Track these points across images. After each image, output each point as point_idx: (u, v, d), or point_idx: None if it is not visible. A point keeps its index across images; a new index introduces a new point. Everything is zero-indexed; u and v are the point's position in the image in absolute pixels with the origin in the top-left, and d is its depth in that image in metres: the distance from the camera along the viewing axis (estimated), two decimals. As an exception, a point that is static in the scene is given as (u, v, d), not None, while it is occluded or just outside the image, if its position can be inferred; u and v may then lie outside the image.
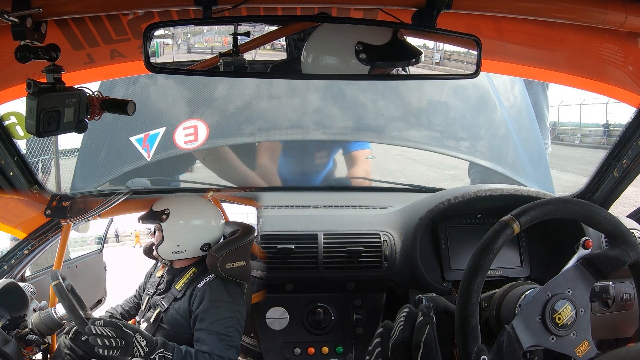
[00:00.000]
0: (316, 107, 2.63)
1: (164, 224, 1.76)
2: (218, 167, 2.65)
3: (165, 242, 1.76)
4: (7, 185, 1.66)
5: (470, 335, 1.23)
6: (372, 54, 1.21)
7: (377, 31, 1.22)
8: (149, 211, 1.81)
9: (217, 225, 1.82)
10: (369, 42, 1.21)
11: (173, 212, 1.77)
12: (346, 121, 2.62)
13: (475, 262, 1.26)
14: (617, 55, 1.42)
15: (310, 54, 1.27)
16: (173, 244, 1.77)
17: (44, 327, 1.75)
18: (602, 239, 1.74)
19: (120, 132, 2.53)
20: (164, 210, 1.78)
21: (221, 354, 1.60)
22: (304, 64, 1.27)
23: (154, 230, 1.82)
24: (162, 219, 1.77)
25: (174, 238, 1.77)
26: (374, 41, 1.21)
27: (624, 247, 1.31)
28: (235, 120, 2.58)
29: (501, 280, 1.74)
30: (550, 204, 1.30)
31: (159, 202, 1.81)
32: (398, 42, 1.22)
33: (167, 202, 1.79)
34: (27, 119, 1.08)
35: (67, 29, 1.32)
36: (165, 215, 1.77)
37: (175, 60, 1.45)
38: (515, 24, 1.40)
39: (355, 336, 1.76)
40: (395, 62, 1.26)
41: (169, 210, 1.77)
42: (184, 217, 1.78)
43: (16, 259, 1.91)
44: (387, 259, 1.73)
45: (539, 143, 3.02)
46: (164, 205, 1.79)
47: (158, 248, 1.78)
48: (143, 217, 1.82)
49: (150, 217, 1.80)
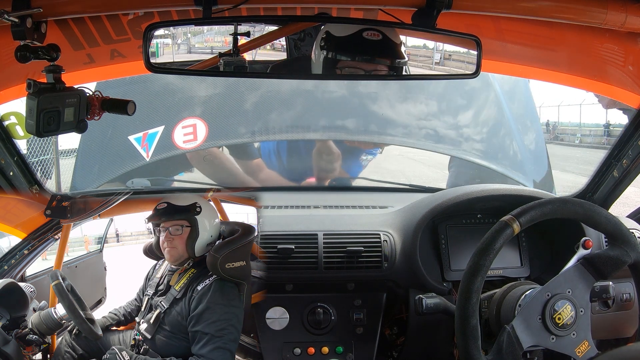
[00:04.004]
0: (316, 106, 2.62)
1: (199, 217, 1.73)
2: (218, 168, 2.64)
3: (201, 236, 1.73)
4: (7, 185, 1.66)
5: (470, 335, 1.24)
6: (331, 44, 1.25)
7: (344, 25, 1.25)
8: (172, 207, 1.73)
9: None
10: (333, 33, 1.26)
11: (201, 204, 1.75)
12: (346, 121, 2.61)
13: (475, 262, 1.26)
14: (617, 55, 1.42)
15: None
16: (208, 235, 1.75)
17: (44, 327, 1.75)
18: (602, 239, 1.74)
19: (119, 130, 2.53)
20: (195, 204, 1.74)
21: (212, 356, 1.59)
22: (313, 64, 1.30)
23: (173, 229, 1.73)
24: (197, 212, 1.73)
25: (208, 229, 1.74)
26: (338, 32, 1.25)
27: (624, 247, 1.32)
28: (235, 119, 2.58)
29: (501, 280, 1.74)
30: (550, 204, 1.30)
31: (173, 198, 1.76)
32: (361, 39, 1.23)
33: (184, 197, 1.77)
34: (27, 119, 1.08)
35: (67, 29, 1.32)
36: (199, 208, 1.73)
37: (175, 60, 1.45)
38: (515, 24, 1.40)
39: (355, 336, 1.75)
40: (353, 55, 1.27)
41: (199, 203, 1.74)
42: (205, 205, 1.77)
43: (16, 259, 1.91)
44: (387, 259, 1.73)
45: (540, 143, 3.01)
46: (183, 200, 1.74)
47: (195, 245, 1.72)
48: (167, 213, 1.72)
49: (179, 212, 1.72)
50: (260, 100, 2.63)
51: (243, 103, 2.61)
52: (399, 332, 1.83)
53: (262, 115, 2.60)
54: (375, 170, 2.78)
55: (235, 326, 1.66)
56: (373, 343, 1.75)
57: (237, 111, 2.59)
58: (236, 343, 1.66)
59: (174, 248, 1.74)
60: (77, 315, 1.75)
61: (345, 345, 1.75)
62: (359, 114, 2.63)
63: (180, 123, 2.51)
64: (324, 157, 2.50)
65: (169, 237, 1.73)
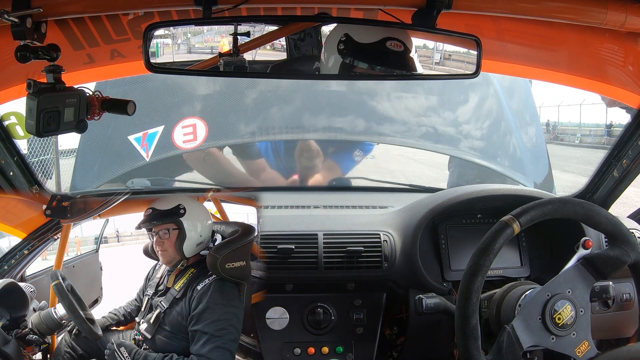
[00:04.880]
0: (316, 106, 2.62)
1: (184, 219, 1.72)
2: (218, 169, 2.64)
3: (188, 237, 1.72)
4: (7, 185, 1.66)
5: (470, 335, 1.24)
6: (352, 49, 1.21)
7: (368, 30, 1.21)
8: (157, 213, 1.72)
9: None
10: (353, 37, 1.21)
11: (185, 204, 1.73)
12: (346, 121, 2.61)
13: (475, 262, 1.26)
14: (617, 55, 1.42)
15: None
16: (196, 235, 1.74)
17: (44, 327, 1.75)
18: (602, 239, 1.74)
19: (118, 130, 2.52)
20: (179, 206, 1.72)
21: (211, 355, 1.59)
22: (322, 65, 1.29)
23: (162, 233, 1.73)
24: (180, 214, 1.72)
25: (195, 229, 1.74)
26: (360, 38, 1.21)
27: (624, 247, 1.32)
28: (235, 119, 2.57)
29: (501, 280, 1.74)
30: (550, 204, 1.30)
31: (158, 203, 1.76)
32: (384, 48, 1.20)
33: (169, 200, 1.76)
34: (27, 119, 1.08)
35: (67, 29, 1.32)
36: (183, 210, 1.72)
37: (175, 60, 1.45)
38: (515, 24, 1.40)
39: (355, 336, 1.75)
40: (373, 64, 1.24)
41: (182, 204, 1.73)
42: (191, 205, 1.76)
43: (16, 259, 1.91)
44: (387, 259, 1.73)
45: (540, 142, 3.01)
46: (167, 203, 1.74)
47: (183, 247, 1.72)
48: (153, 219, 1.71)
49: (164, 217, 1.72)
50: (260, 100, 2.62)
51: (243, 103, 2.61)
52: (399, 332, 1.83)
53: (262, 115, 2.60)
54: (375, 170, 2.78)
55: (235, 326, 1.66)
56: (373, 343, 1.75)
57: (237, 111, 2.59)
58: (236, 343, 1.66)
59: (165, 251, 1.75)
60: (77, 315, 1.75)
61: (345, 345, 1.75)
62: (358, 112, 2.63)
63: (180, 123, 2.51)
64: (304, 155, 2.51)
65: (159, 241, 1.75)
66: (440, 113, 2.72)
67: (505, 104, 2.83)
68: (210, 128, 2.52)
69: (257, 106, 2.61)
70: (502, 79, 2.83)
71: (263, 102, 2.62)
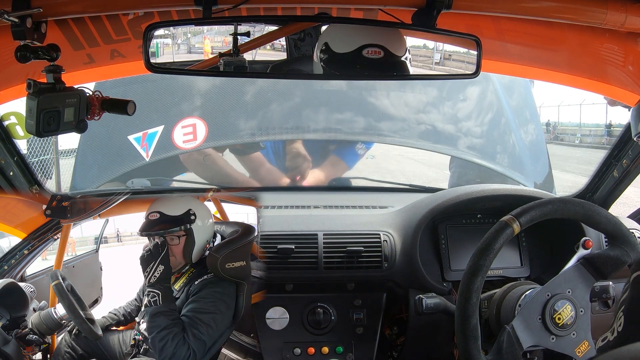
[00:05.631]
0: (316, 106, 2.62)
1: (194, 225, 1.68)
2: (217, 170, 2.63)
3: (197, 244, 1.70)
4: (7, 185, 1.66)
5: (470, 335, 1.23)
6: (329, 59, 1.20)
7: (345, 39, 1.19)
8: (166, 218, 1.66)
9: None
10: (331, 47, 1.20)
11: (194, 208, 1.70)
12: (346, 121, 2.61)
13: (475, 262, 1.26)
14: (617, 55, 1.42)
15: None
16: (204, 239, 1.73)
17: (44, 327, 1.75)
18: (602, 239, 1.74)
19: (118, 130, 2.52)
20: (189, 211, 1.68)
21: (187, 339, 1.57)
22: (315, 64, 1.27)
23: (169, 239, 1.68)
24: (191, 221, 1.68)
25: (204, 234, 1.73)
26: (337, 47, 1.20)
27: (624, 247, 1.31)
28: (234, 118, 2.57)
29: (501, 280, 1.74)
30: (550, 204, 1.30)
31: (165, 206, 1.70)
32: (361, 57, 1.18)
33: (176, 203, 1.72)
34: (27, 119, 1.08)
35: (67, 29, 1.32)
36: (194, 216, 1.68)
37: (175, 60, 1.45)
38: (515, 24, 1.40)
39: (355, 336, 1.75)
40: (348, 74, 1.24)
41: (192, 209, 1.69)
42: (199, 209, 1.73)
43: (16, 259, 1.91)
44: (387, 259, 1.73)
45: (540, 143, 3.01)
46: (175, 207, 1.69)
47: (193, 253, 1.70)
48: (162, 227, 1.65)
49: (174, 223, 1.67)
50: (260, 99, 2.62)
51: (243, 102, 2.61)
52: (399, 332, 1.83)
53: (262, 115, 2.60)
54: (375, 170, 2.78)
55: (217, 322, 1.63)
56: (373, 343, 1.75)
57: (237, 110, 2.59)
58: (211, 339, 1.62)
59: (172, 257, 1.70)
60: (77, 315, 1.75)
61: (345, 345, 1.75)
62: (358, 112, 2.63)
63: (179, 123, 2.51)
64: (292, 159, 2.52)
65: None
66: (439, 105, 2.72)
67: (505, 102, 2.83)
68: (210, 128, 2.52)
69: (257, 106, 2.61)
70: (502, 77, 2.83)
71: (263, 101, 2.62)
